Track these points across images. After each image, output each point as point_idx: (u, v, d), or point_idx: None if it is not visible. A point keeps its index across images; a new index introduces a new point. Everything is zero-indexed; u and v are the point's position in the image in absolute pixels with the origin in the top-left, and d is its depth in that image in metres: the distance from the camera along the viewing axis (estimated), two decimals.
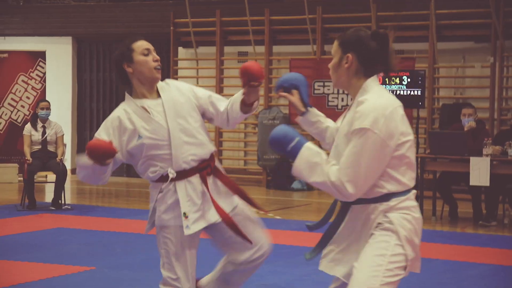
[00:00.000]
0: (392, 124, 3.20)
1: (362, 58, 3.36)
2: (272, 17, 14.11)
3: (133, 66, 4.33)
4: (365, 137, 3.18)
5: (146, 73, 4.33)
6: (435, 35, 12.80)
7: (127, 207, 11.37)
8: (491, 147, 9.60)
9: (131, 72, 4.34)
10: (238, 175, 14.70)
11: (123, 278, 6.48)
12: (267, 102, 14.27)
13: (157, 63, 4.40)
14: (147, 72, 4.33)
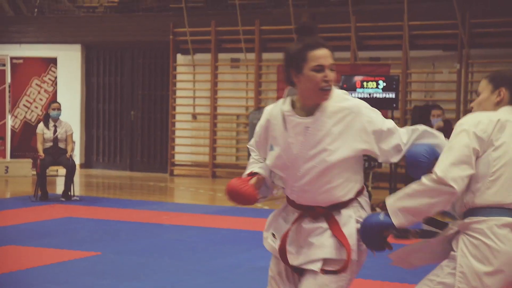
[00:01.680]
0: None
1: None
2: (262, 27, 14.10)
3: (299, 78, 3.12)
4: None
5: (310, 93, 3.12)
6: (408, 44, 12.81)
7: (130, 198, 11.35)
8: None
9: (296, 81, 3.13)
10: (231, 169, 14.69)
11: (127, 262, 6.47)
12: (257, 103, 14.25)
13: (327, 84, 3.11)
14: (311, 92, 3.11)
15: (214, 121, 14.74)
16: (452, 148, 3.07)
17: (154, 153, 15.69)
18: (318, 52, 3.17)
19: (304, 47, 3.13)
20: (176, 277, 5.91)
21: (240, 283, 5.71)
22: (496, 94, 3.29)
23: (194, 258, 6.66)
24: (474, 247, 2.98)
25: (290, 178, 3.21)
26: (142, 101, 15.76)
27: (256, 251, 7.02)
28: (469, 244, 3.00)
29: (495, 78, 3.34)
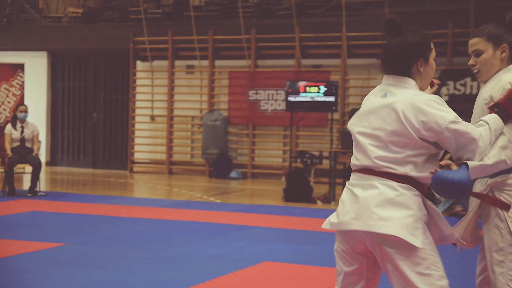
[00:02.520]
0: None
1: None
2: (215, 37, 14.10)
3: (424, 68, 2.93)
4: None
5: (428, 81, 3.01)
6: (346, 53, 12.97)
7: (92, 193, 11.23)
8: None
9: (418, 72, 2.92)
10: (186, 166, 14.66)
11: (89, 252, 6.40)
12: (210, 106, 14.24)
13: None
14: (427, 81, 3.00)
15: (170, 122, 14.69)
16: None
17: (115, 151, 15.56)
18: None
19: (427, 38, 2.97)
20: (134, 265, 5.88)
21: (194, 270, 5.72)
22: (501, 50, 3.20)
23: (151, 248, 6.64)
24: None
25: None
26: (104, 104, 15.62)
27: (208, 240, 7.03)
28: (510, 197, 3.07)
29: (493, 36, 3.21)
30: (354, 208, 2.86)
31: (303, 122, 13.40)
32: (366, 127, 2.90)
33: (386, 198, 2.79)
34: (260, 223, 8.24)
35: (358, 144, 2.92)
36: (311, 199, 10.26)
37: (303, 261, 6.11)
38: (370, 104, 2.94)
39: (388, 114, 2.85)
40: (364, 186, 2.85)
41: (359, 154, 2.92)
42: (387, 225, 2.76)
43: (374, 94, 2.99)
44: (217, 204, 10.08)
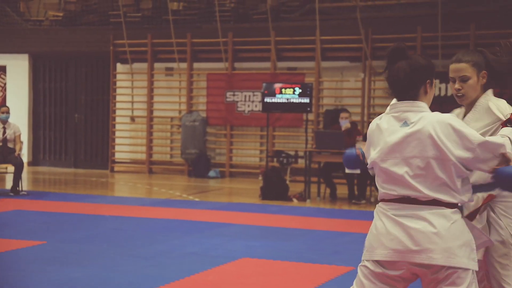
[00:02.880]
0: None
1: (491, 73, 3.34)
2: (193, 40, 14.07)
3: (430, 90, 2.90)
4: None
5: (429, 104, 2.95)
6: (320, 56, 13.02)
7: (74, 193, 11.14)
8: (362, 143, 9.83)
9: (425, 93, 2.88)
10: (165, 166, 14.61)
11: (70, 250, 6.35)
12: (188, 107, 14.21)
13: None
14: (429, 103, 2.94)
15: (150, 123, 14.62)
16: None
17: (96, 151, 15.45)
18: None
19: (430, 60, 2.95)
20: (115, 262, 5.85)
21: (173, 267, 5.70)
22: (482, 77, 3.33)
23: (131, 245, 6.60)
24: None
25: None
26: (85, 105, 15.50)
27: (188, 238, 7.02)
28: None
29: (477, 63, 3.31)
30: (407, 239, 2.75)
31: (279, 123, 13.42)
32: (397, 158, 2.80)
33: (444, 228, 2.73)
34: (238, 221, 8.24)
35: (393, 176, 2.81)
36: (287, 197, 10.28)
37: (279, 257, 6.13)
38: (393, 135, 2.82)
39: (419, 141, 2.76)
40: (412, 216, 2.76)
41: (395, 186, 2.81)
42: (453, 256, 2.72)
43: (389, 124, 2.86)
44: (196, 202, 10.06)
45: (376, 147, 2.88)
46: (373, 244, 2.86)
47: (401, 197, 2.80)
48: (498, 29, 11.65)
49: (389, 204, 2.83)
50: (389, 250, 2.79)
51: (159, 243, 6.69)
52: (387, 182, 2.85)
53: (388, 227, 2.81)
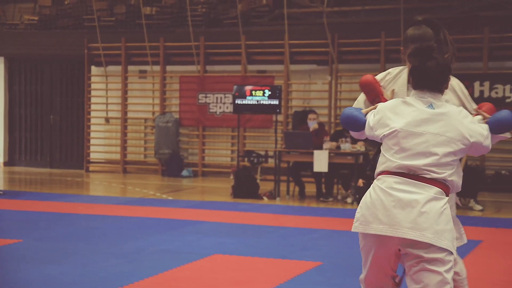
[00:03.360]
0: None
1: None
2: (166, 44, 13.99)
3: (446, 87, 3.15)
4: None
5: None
6: (289, 59, 13.05)
7: (49, 192, 10.99)
8: (329, 143, 9.89)
9: (444, 89, 3.10)
10: (139, 166, 14.50)
11: (46, 248, 6.26)
12: (162, 109, 14.12)
13: None
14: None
15: (124, 124, 14.50)
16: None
17: (71, 152, 15.28)
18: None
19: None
20: (90, 259, 5.77)
21: (147, 263, 5.65)
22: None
23: (106, 243, 6.53)
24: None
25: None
26: (60, 107, 15.32)
27: (161, 235, 6.97)
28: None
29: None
30: (403, 216, 2.80)
31: (250, 124, 13.41)
32: (422, 133, 2.92)
33: (437, 211, 2.81)
34: (210, 218, 8.21)
35: (408, 149, 2.90)
36: (257, 195, 10.28)
37: (250, 253, 6.12)
38: (421, 112, 2.95)
39: (445, 122, 2.92)
40: (412, 192, 2.84)
41: (406, 160, 2.89)
42: (442, 239, 2.79)
43: (416, 102, 2.99)
44: (169, 201, 10.00)
45: (401, 118, 2.95)
46: (368, 218, 2.87)
47: (407, 171, 2.88)
48: (456, 34, 11.80)
49: (393, 177, 2.89)
50: (384, 225, 2.82)
51: (133, 241, 6.63)
52: (399, 153, 2.92)
53: (384, 201, 2.85)
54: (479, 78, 11.47)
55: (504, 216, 8.80)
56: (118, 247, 6.30)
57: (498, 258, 6.02)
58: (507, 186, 11.32)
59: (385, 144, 3.00)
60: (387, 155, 2.97)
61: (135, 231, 7.19)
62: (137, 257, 5.89)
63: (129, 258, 5.85)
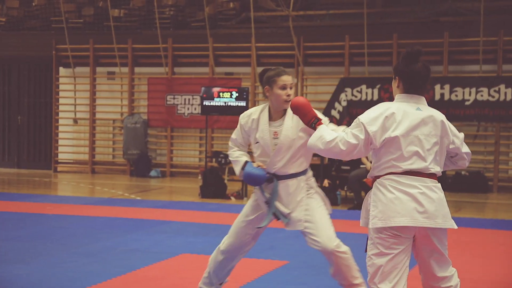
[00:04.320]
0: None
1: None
2: (134, 45, 13.88)
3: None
4: None
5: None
6: (256, 62, 13.06)
7: (17, 192, 10.79)
8: None
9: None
10: (108, 166, 14.35)
11: (14, 248, 6.14)
12: (130, 110, 14.00)
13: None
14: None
15: (93, 125, 14.34)
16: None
17: (39, 152, 15.04)
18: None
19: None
20: (58, 259, 5.68)
21: (116, 263, 5.59)
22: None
23: (75, 242, 6.44)
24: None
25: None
26: (28, 108, 15.07)
27: (129, 235, 6.90)
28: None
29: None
30: (432, 207, 3.13)
31: (217, 125, 13.39)
32: (416, 135, 3.18)
33: (441, 198, 3.19)
34: (178, 218, 8.16)
35: (407, 151, 3.15)
36: (225, 195, 10.26)
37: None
38: (413, 116, 3.19)
39: (434, 123, 3.21)
40: (419, 187, 3.14)
41: (406, 161, 3.15)
42: (449, 221, 3.21)
43: (406, 108, 3.21)
44: (138, 201, 9.91)
45: (398, 126, 3.17)
46: (388, 213, 3.13)
47: (409, 170, 3.15)
48: (417, 38, 12.00)
49: (400, 177, 3.15)
50: (405, 217, 3.10)
51: (101, 240, 6.55)
52: (399, 157, 3.16)
53: (400, 196, 3.12)
54: (439, 81, 11.66)
55: (464, 215, 8.95)
56: (86, 247, 6.22)
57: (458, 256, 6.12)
58: (467, 186, 11.53)
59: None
60: (387, 159, 3.21)
61: (103, 231, 7.11)
62: (105, 256, 5.82)
63: (97, 257, 5.77)
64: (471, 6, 12.35)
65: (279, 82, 3.90)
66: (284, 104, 3.90)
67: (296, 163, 3.91)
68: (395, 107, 3.21)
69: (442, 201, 3.18)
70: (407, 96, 3.24)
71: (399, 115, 3.18)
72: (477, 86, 11.51)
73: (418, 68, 3.21)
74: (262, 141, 3.93)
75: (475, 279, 5.26)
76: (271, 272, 5.35)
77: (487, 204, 10.33)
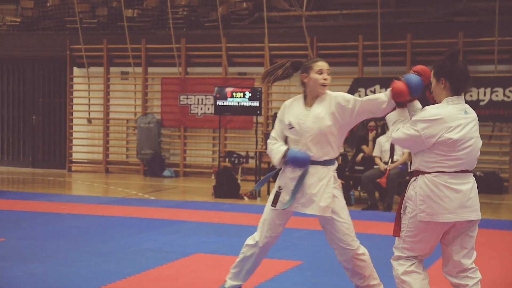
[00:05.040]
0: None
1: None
2: (147, 45, 13.92)
3: None
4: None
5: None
6: (269, 62, 13.04)
7: (32, 191, 10.86)
8: None
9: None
10: (122, 166, 14.40)
11: (28, 247, 6.18)
12: (144, 110, 14.04)
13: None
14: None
15: (107, 125, 14.39)
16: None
17: (54, 152, 15.13)
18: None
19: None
20: (72, 258, 5.71)
21: (129, 262, 5.61)
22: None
23: (88, 242, 6.47)
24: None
25: None
26: (43, 107, 15.17)
27: (143, 235, 6.91)
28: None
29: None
30: (474, 202, 3.53)
31: (231, 125, 13.39)
32: (468, 138, 3.52)
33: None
34: (192, 218, 8.17)
35: (460, 152, 3.50)
36: (238, 195, 10.26)
37: (231, 253, 6.09)
38: (465, 120, 3.53)
39: (475, 124, 3.58)
40: (465, 183, 3.51)
41: (459, 161, 3.50)
42: (480, 213, 3.61)
43: (458, 112, 3.53)
44: (151, 201, 9.94)
45: (455, 129, 3.48)
46: (437, 209, 3.48)
47: (460, 170, 3.49)
48: (431, 38, 11.93)
49: (450, 175, 3.49)
50: (453, 213, 3.47)
51: (115, 240, 6.57)
52: (452, 158, 3.48)
53: (448, 194, 3.46)
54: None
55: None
56: (100, 246, 6.24)
57: None
58: (482, 187, 11.33)
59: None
60: (437, 158, 3.54)
61: (117, 231, 7.13)
62: (119, 256, 5.84)
63: (111, 257, 5.79)
64: (486, 5, 12.25)
65: (315, 67, 4.09)
66: (321, 88, 4.07)
67: (324, 150, 4.00)
68: (445, 111, 3.52)
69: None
70: (457, 98, 3.54)
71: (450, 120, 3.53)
72: (492, 86, 11.42)
73: (462, 66, 3.49)
74: (296, 126, 4.04)
75: (490, 280, 5.21)
76: (284, 272, 5.34)
77: (503, 205, 10.24)
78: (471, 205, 3.49)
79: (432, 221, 3.48)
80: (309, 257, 5.89)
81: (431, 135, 3.46)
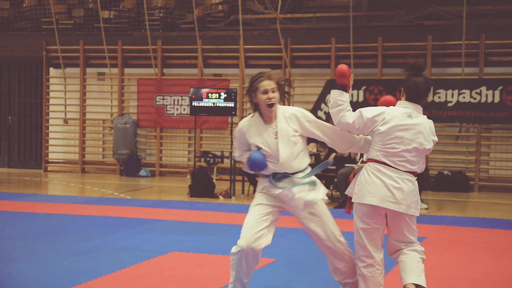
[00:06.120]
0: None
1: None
2: (123, 47, 13.84)
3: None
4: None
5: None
6: (244, 63, 13.07)
7: (7, 191, 10.72)
8: None
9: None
10: (98, 166, 14.29)
11: (4, 246, 6.11)
12: (120, 110, 13.96)
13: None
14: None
15: (83, 125, 14.27)
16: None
17: (30, 152, 14.95)
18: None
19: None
20: (49, 257, 5.66)
21: (105, 261, 5.58)
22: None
23: (65, 241, 6.42)
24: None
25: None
26: (19, 108, 14.98)
27: (119, 233, 6.88)
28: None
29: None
30: (398, 195, 3.83)
31: (206, 125, 13.38)
32: (403, 137, 3.82)
33: (414, 190, 3.87)
34: (167, 217, 8.15)
35: (394, 148, 3.81)
36: (213, 194, 10.26)
37: (206, 251, 6.11)
38: (403, 121, 3.84)
39: (417, 130, 3.83)
40: (402, 179, 3.82)
41: (392, 157, 3.81)
42: (411, 209, 3.94)
43: (402, 114, 3.85)
44: (127, 200, 9.89)
45: (388, 123, 3.81)
46: (364, 192, 3.85)
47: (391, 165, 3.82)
48: (401, 41, 12.06)
49: (385, 167, 3.82)
50: (376, 198, 3.81)
51: (91, 239, 6.53)
52: (389, 153, 3.82)
53: (376, 182, 3.82)
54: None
55: (446, 214, 9.02)
56: (76, 246, 6.20)
57: (440, 253, 6.17)
58: (449, 185, 11.61)
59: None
60: (378, 147, 3.92)
61: (93, 230, 7.09)
62: (95, 255, 5.81)
63: (87, 256, 5.76)
64: (454, 10, 12.44)
65: (260, 88, 4.01)
66: (267, 107, 3.99)
67: (298, 158, 4.04)
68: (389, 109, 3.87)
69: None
70: (408, 104, 3.87)
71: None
72: (459, 88, 11.60)
73: (419, 81, 3.83)
74: (265, 145, 4.01)
75: (457, 275, 5.30)
76: (258, 269, 5.36)
77: (469, 203, 10.41)
78: (395, 197, 3.83)
79: (360, 202, 3.91)
80: (282, 254, 5.92)
81: (370, 116, 3.84)
